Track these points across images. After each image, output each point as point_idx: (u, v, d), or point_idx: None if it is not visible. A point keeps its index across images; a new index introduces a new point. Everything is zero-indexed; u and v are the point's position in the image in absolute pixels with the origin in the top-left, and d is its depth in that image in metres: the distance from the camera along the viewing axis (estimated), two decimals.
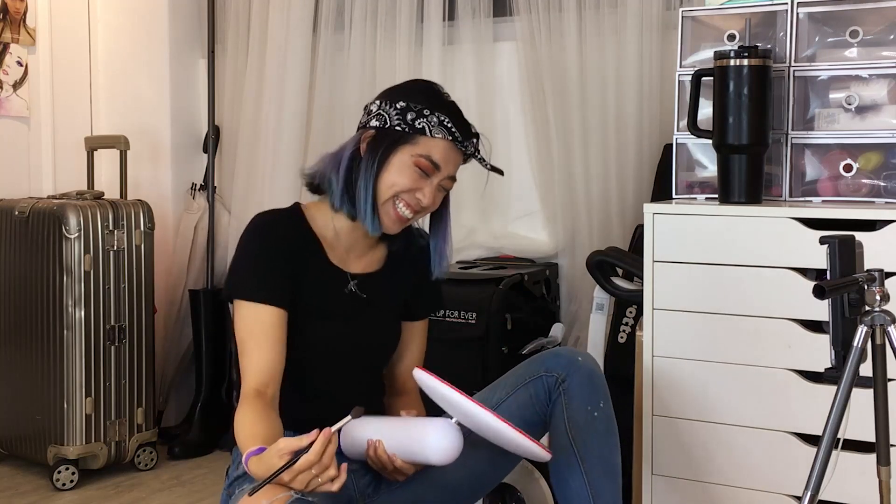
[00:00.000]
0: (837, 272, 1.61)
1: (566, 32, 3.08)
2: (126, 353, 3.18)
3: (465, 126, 1.90)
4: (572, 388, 1.84)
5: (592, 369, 1.87)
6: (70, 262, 3.06)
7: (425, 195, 1.86)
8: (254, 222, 1.90)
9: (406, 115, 1.86)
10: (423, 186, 1.86)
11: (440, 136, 1.85)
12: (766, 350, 2.14)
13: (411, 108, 1.86)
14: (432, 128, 1.85)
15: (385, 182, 1.85)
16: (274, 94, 3.53)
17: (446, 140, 1.86)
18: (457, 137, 1.87)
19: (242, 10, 3.65)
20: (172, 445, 3.42)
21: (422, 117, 1.85)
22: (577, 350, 1.96)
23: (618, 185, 3.03)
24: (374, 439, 1.79)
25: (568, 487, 1.83)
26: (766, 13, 2.31)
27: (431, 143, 1.85)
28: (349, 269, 1.94)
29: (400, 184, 1.85)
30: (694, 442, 2.22)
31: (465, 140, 1.89)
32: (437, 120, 1.85)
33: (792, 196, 2.29)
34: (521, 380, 1.88)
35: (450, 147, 1.87)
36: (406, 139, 1.85)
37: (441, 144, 1.86)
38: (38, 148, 3.63)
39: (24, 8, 3.57)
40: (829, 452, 1.62)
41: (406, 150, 1.85)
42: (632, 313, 2.69)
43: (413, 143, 1.85)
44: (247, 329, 1.81)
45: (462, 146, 1.88)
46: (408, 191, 1.85)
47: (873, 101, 2.21)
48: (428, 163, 1.85)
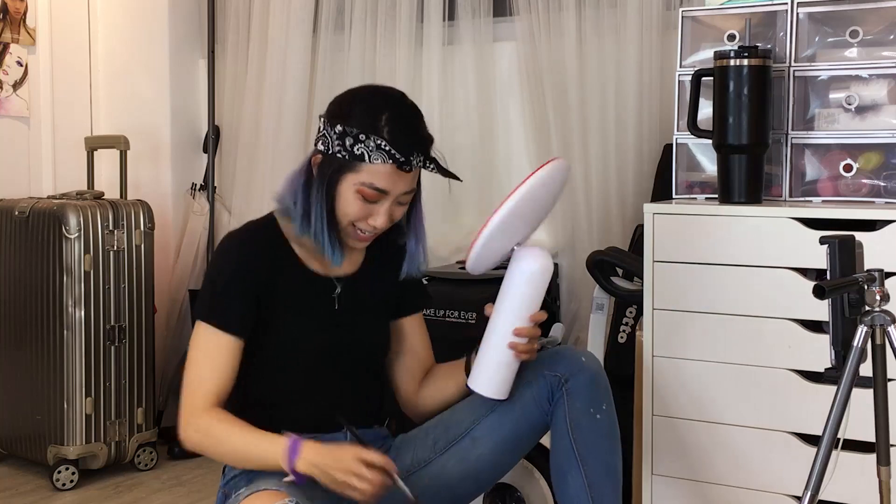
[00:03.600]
0: (837, 272, 1.61)
1: (566, 32, 3.08)
2: (126, 353, 3.18)
3: (410, 145, 1.79)
4: (575, 389, 1.83)
5: (596, 371, 1.87)
6: (70, 262, 3.06)
7: (378, 220, 1.82)
8: (224, 243, 1.89)
9: (345, 141, 1.78)
10: (375, 212, 1.81)
11: (379, 162, 1.76)
12: (766, 350, 2.14)
13: (347, 132, 1.77)
14: (370, 153, 1.76)
15: (339, 211, 1.82)
16: (274, 94, 3.53)
17: (388, 165, 1.77)
18: (398, 160, 1.77)
19: (242, 10, 3.65)
20: (172, 445, 3.42)
21: (359, 143, 1.77)
22: (582, 351, 1.96)
23: (618, 185, 3.03)
24: (511, 341, 1.83)
25: (568, 488, 1.83)
26: (766, 13, 2.31)
27: (373, 169, 1.77)
28: (330, 274, 1.92)
29: (351, 214, 1.81)
30: (694, 442, 2.22)
31: (410, 157, 1.78)
32: (374, 145, 1.76)
33: (792, 196, 2.29)
34: (524, 379, 1.88)
35: (393, 171, 1.78)
36: (348, 167, 1.78)
37: (382, 170, 1.77)
38: (38, 148, 3.63)
39: (24, 8, 3.57)
40: (829, 452, 1.62)
41: (350, 178, 1.79)
42: (632, 313, 2.69)
43: (356, 171, 1.78)
44: (202, 349, 1.81)
45: (406, 167, 1.79)
46: (361, 218, 1.82)
47: (873, 101, 2.21)
48: (372, 192, 1.79)
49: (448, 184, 1.93)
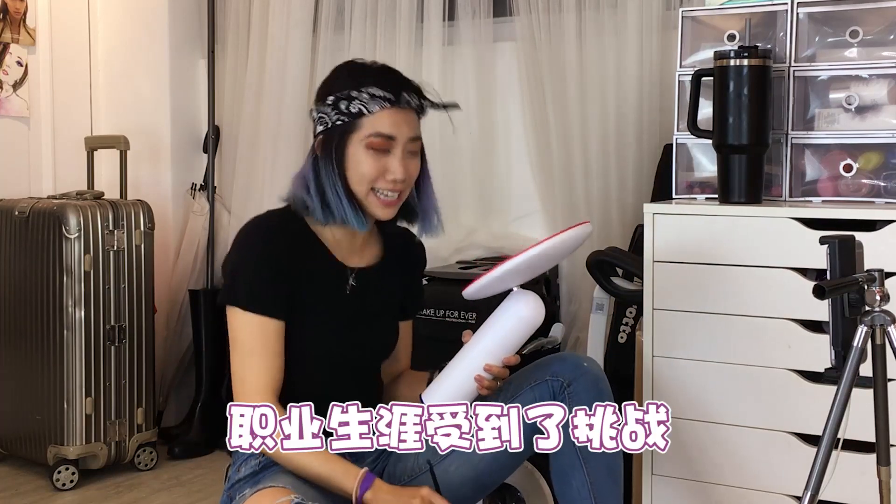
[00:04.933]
0: (837, 272, 1.61)
1: (566, 32, 3.08)
2: (126, 353, 3.18)
3: (398, 83, 1.84)
4: (578, 393, 1.83)
5: (598, 374, 1.87)
6: (70, 262, 3.06)
7: (396, 170, 1.82)
8: (252, 226, 1.88)
9: (340, 106, 1.82)
10: (389, 163, 1.83)
11: (378, 109, 1.80)
12: (766, 350, 2.14)
13: (340, 97, 1.82)
14: (367, 105, 1.80)
15: (353, 179, 1.83)
16: (274, 94, 3.53)
17: (386, 108, 1.81)
18: (394, 100, 1.81)
19: (242, 10, 3.65)
20: (172, 445, 3.42)
21: (353, 100, 1.81)
22: (583, 355, 1.97)
23: (618, 185, 3.03)
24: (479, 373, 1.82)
25: (570, 489, 1.83)
26: (766, 13, 2.31)
27: (373, 119, 1.80)
28: (349, 264, 1.93)
29: (367, 173, 1.82)
30: (694, 442, 2.22)
31: (406, 95, 1.83)
32: (367, 95, 1.80)
33: (792, 196, 2.29)
34: (527, 383, 1.88)
35: (393, 112, 1.81)
36: (350, 128, 1.81)
37: (383, 115, 1.81)
38: (38, 148, 3.63)
39: (24, 8, 3.57)
40: (829, 452, 1.62)
41: (355, 138, 1.82)
42: (632, 313, 2.69)
43: (358, 129, 1.81)
44: (247, 339, 1.80)
45: (404, 105, 1.83)
46: (378, 176, 1.83)
47: (873, 101, 2.20)
48: (380, 139, 1.81)
49: (448, 184, 1.93)
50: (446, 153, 3.29)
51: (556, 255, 1.89)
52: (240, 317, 1.82)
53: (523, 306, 1.83)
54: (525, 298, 1.84)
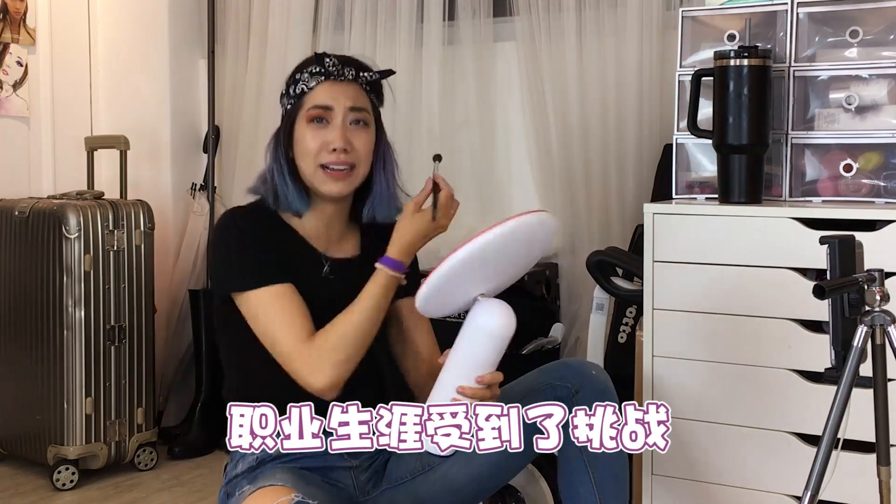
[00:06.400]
0: (837, 272, 1.61)
1: (566, 32, 3.08)
2: (126, 353, 3.18)
3: (338, 58, 1.90)
4: (585, 400, 1.82)
5: (605, 382, 1.87)
6: (70, 262, 3.06)
7: (335, 139, 1.86)
8: (227, 217, 1.92)
9: (289, 90, 1.91)
10: (329, 134, 1.87)
11: (315, 84, 1.88)
12: (766, 350, 2.14)
13: (289, 82, 1.92)
14: (307, 83, 1.88)
15: (299, 156, 1.88)
16: (274, 94, 3.49)
17: (321, 82, 1.87)
18: (329, 73, 1.87)
19: (242, 10, 3.65)
20: (172, 445, 3.42)
21: (297, 82, 1.90)
22: (589, 362, 1.96)
23: (618, 185, 3.03)
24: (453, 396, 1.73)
25: (577, 494, 1.83)
26: (766, 13, 2.31)
27: (312, 95, 1.88)
28: (328, 254, 1.93)
29: (310, 147, 1.87)
30: (694, 442, 2.22)
31: (340, 66, 1.89)
32: (307, 75, 1.88)
33: (792, 196, 2.29)
34: (532, 387, 1.87)
35: (329, 85, 1.88)
36: (296, 109, 1.89)
37: (320, 89, 1.87)
38: (38, 148, 3.63)
39: (24, 8, 3.57)
40: (829, 452, 1.62)
41: (299, 116, 1.89)
42: (632, 313, 2.69)
43: (301, 108, 1.89)
44: (269, 312, 1.80)
45: (339, 76, 1.88)
46: (320, 149, 1.86)
47: (873, 101, 2.21)
48: (317, 110, 1.87)
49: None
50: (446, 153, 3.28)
51: (516, 250, 1.73)
52: (251, 299, 1.82)
53: (484, 318, 1.71)
54: (489, 309, 1.71)
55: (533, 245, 1.75)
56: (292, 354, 1.79)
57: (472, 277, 1.71)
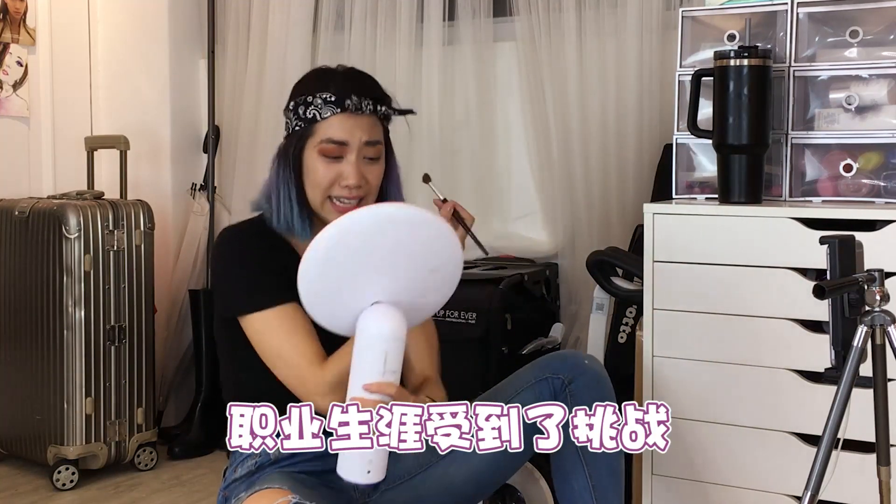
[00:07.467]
0: (837, 272, 1.61)
1: (566, 32, 3.08)
2: (126, 353, 3.18)
3: (355, 87, 1.83)
4: (578, 391, 1.83)
5: (599, 372, 1.86)
6: (70, 262, 3.06)
7: (349, 176, 1.81)
8: (226, 237, 1.90)
9: (298, 111, 1.83)
10: (343, 169, 1.82)
11: (329, 114, 1.81)
12: (766, 350, 2.14)
13: (299, 102, 1.83)
14: (321, 111, 1.81)
15: (308, 186, 1.83)
16: (274, 94, 3.53)
17: (336, 114, 1.81)
18: (347, 107, 1.81)
19: (242, 10, 3.65)
20: (172, 445, 3.42)
21: (308, 105, 1.82)
22: (583, 353, 1.95)
23: (618, 185, 3.03)
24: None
25: (572, 490, 1.83)
26: (766, 13, 2.31)
27: (326, 125, 1.81)
28: None
29: (321, 181, 1.82)
30: (694, 442, 2.22)
31: (357, 100, 1.81)
32: (321, 101, 1.81)
33: (792, 196, 2.29)
34: (526, 382, 1.87)
35: (344, 118, 1.81)
36: (306, 134, 1.83)
37: (334, 121, 1.81)
38: (38, 148, 3.63)
39: (24, 8, 3.57)
40: (829, 452, 1.62)
41: (310, 144, 1.83)
42: (632, 313, 2.69)
43: (313, 135, 1.82)
44: (277, 335, 1.79)
45: (356, 109, 1.81)
46: (333, 182, 1.82)
47: (873, 101, 2.21)
48: (332, 146, 1.81)
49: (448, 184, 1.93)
50: (446, 153, 3.29)
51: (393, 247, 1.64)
52: (257, 321, 1.81)
53: (365, 322, 1.65)
54: (370, 313, 1.66)
55: (425, 245, 1.66)
56: (303, 378, 1.78)
57: (346, 270, 1.64)
